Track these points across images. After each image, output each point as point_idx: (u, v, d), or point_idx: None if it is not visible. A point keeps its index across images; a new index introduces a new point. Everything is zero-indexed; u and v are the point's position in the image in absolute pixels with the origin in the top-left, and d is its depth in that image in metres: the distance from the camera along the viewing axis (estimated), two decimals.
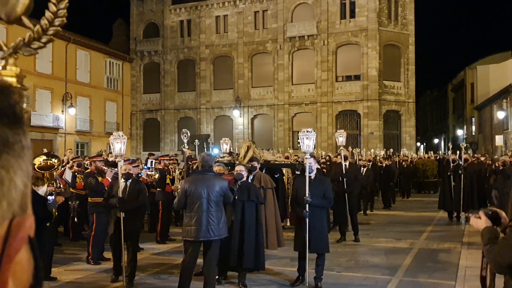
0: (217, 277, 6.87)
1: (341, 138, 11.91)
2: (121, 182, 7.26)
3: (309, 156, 7.20)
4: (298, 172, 11.04)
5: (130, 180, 7.51)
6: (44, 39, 0.89)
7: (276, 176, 11.36)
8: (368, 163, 16.96)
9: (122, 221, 7.01)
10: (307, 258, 6.90)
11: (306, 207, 6.79)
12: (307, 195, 6.78)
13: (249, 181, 7.58)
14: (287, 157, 14.80)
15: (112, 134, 7.38)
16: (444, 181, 14.55)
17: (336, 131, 33.67)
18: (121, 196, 7.11)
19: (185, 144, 8.24)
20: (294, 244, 7.35)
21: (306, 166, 7.07)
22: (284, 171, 12.17)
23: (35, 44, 0.89)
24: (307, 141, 7.12)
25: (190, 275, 6.43)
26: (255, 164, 8.26)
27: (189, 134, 8.15)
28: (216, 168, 7.11)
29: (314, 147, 7.70)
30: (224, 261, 6.92)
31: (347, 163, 11.60)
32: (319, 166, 10.74)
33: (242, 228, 6.84)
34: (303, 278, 7.07)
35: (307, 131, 7.19)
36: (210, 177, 6.34)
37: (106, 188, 8.19)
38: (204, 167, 6.42)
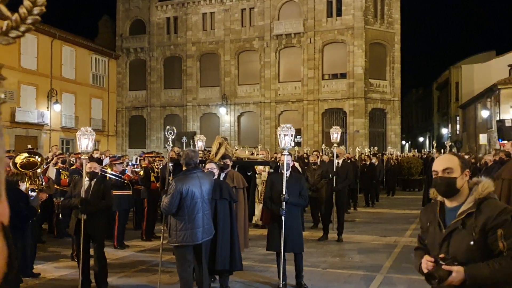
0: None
1: (335, 134, 11.89)
2: (85, 181, 6.71)
3: (287, 153, 7.01)
4: (272, 170, 10.99)
5: (94, 180, 6.98)
6: (22, 28, 0.88)
7: (249, 173, 11.23)
8: (348, 161, 17.03)
9: (83, 224, 6.47)
10: (283, 257, 6.75)
11: (283, 204, 6.63)
12: (284, 192, 6.63)
13: (221, 179, 7.26)
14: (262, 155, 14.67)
15: (79, 130, 6.82)
16: (429, 179, 14.71)
17: (323, 129, 33.93)
18: (83, 196, 6.56)
19: (170, 142, 7.27)
20: (267, 243, 7.06)
21: (284, 163, 6.83)
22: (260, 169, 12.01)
23: (13, 33, 0.88)
24: (286, 138, 6.94)
25: (192, 284, 6.07)
26: (227, 161, 7.80)
27: (175, 131, 7.24)
28: (207, 166, 6.70)
29: (298, 145, 7.54)
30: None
31: (340, 161, 11.55)
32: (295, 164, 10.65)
33: (215, 228, 6.38)
34: (285, 283, 6.87)
35: (287, 127, 7.00)
36: (200, 175, 6.04)
37: None
38: (189, 164, 6.02)
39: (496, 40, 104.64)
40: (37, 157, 7.50)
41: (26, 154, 7.41)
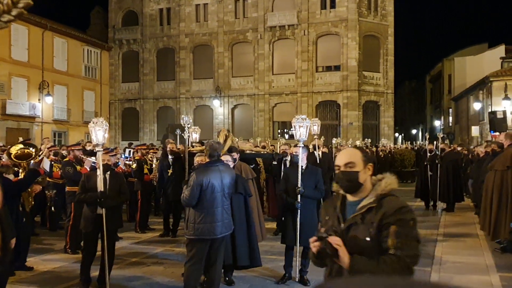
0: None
1: (315, 126, 11.91)
2: (100, 174, 6.32)
3: (302, 145, 6.87)
4: (275, 163, 10.97)
5: (108, 173, 6.72)
6: (14, 12, 0.86)
7: (251, 166, 11.20)
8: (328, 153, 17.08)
9: (104, 219, 6.17)
10: (297, 251, 6.68)
11: (298, 197, 6.55)
12: (299, 185, 6.54)
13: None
14: (263, 147, 14.70)
15: (91, 121, 6.32)
16: (421, 170, 14.78)
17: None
18: (102, 190, 6.29)
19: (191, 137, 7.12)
20: (282, 236, 7.01)
21: (299, 156, 6.70)
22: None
23: (5, 17, 0.86)
24: (301, 129, 6.76)
25: (199, 279, 5.94)
26: (235, 154, 7.64)
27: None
28: (223, 158, 6.36)
29: (291, 137, 7.46)
30: None
31: (320, 152, 11.70)
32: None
33: (233, 223, 6.26)
34: (289, 276, 6.82)
35: (302, 118, 6.84)
36: (222, 168, 5.85)
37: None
38: (213, 156, 5.83)
39: (489, 33, 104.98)
40: (31, 148, 7.44)
41: (21, 145, 7.36)
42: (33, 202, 7.61)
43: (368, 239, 2.50)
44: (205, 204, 5.69)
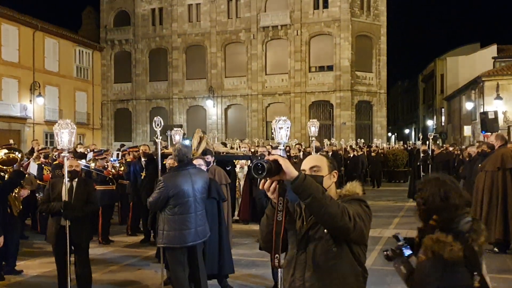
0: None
1: (313, 128, 11.86)
2: (66, 181, 5.77)
3: (283, 148, 6.64)
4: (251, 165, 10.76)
5: (76, 180, 6.14)
6: None
7: (228, 168, 11.02)
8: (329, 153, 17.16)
9: (68, 230, 5.64)
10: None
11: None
12: None
13: None
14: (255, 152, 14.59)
15: (56, 122, 5.76)
16: (414, 170, 14.82)
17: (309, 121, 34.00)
18: (66, 200, 5.74)
19: (158, 134, 6.87)
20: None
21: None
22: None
23: None
24: (282, 131, 6.53)
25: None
26: (209, 158, 7.31)
27: (162, 123, 6.83)
28: (194, 162, 6.04)
29: (288, 138, 7.17)
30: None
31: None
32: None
33: None
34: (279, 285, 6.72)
35: (283, 120, 6.58)
36: (193, 172, 5.61)
37: None
38: (182, 161, 5.60)
39: (481, 33, 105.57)
40: (17, 153, 7.32)
41: (5, 150, 7.21)
42: (21, 207, 7.51)
43: (326, 231, 2.49)
44: (175, 210, 5.43)
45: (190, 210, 5.46)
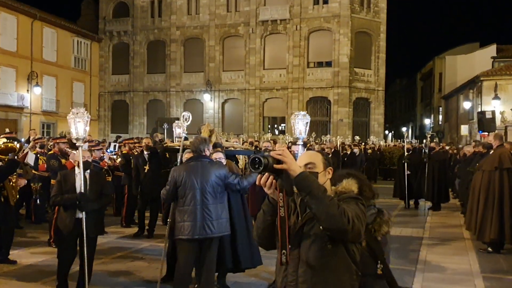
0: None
1: (301, 125, 11.79)
2: (78, 173, 5.65)
3: (302, 143, 6.53)
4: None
5: (88, 171, 5.93)
6: None
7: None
8: (331, 150, 17.13)
9: (84, 223, 5.53)
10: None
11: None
12: None
13: None
14: (251, 143, 14.59)
15: (70, 112, 5.58)
16: (399, 169, 14.72)
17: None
18: (82, 191, 5.62)
19: (184, 129, 6.74)
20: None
21: (298, 154, 6.03)
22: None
23: None
24: (300, 126, 6.41)
25: (187, 283, 5.56)
26: (219, 151, 6.99)
27: (190, 118, 6.55)
28: (214, 156, 5.86)
29: (282, 133, 7.00)
30: (217, 263, 5.81)
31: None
32: None
33: (232, 224, 5.79)
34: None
35: (302, 115, 6.50)
36: (204, 165, 5.48)
37: None
38: (195, 152, 5.54)
39: (480, 32, 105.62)
40: (15, 142, 7.28)
41: (4, 140, 7.17)
42: (17, 196, 7.48)
43: (321, 227, 2.45)
44: (181, 201, 5.43)
45: (195, 203, 5.37)
